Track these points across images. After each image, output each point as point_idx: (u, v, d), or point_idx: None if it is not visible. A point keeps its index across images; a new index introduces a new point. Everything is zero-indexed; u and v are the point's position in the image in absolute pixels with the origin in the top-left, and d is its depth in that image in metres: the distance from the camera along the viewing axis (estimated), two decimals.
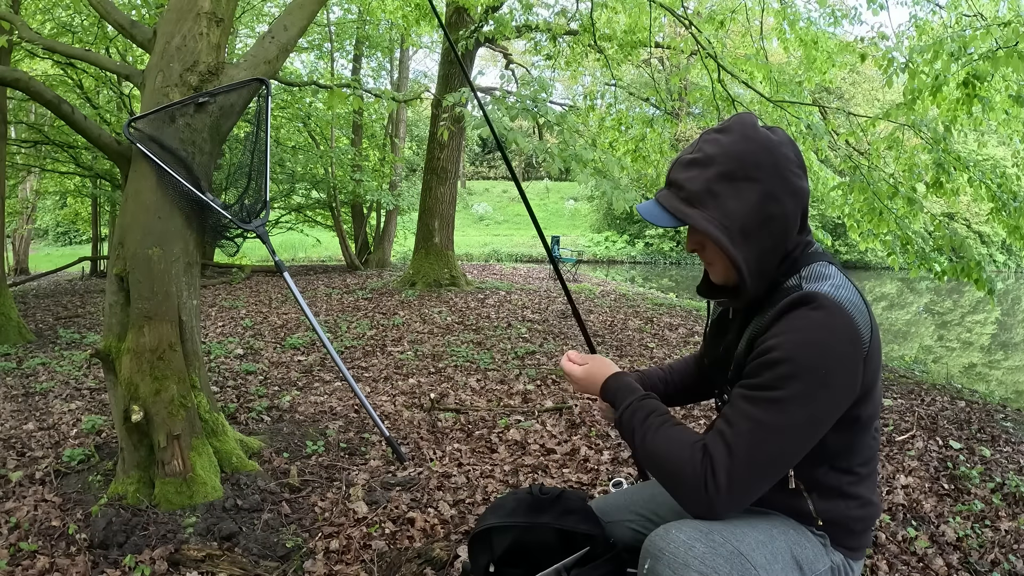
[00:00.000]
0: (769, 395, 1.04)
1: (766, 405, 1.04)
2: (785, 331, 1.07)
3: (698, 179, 1.14)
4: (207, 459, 2.45)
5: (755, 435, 1.04)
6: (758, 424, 1.04)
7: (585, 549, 1.39)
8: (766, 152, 1.13)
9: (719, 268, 1.21)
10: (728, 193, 1.12)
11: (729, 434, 1.06)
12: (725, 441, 1.05)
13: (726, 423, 1.08)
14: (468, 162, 36.41)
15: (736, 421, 1.06)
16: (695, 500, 1.07)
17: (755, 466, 1.05)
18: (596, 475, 2.73)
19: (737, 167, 1.12)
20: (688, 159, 1.17)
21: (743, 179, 1.12)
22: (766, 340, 1.09)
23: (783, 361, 1.04)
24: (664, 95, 7.70)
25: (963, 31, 4.15)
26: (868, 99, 22.49)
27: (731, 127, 1.16)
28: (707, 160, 1.14)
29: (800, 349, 1.04)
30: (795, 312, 1.08)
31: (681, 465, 1.08)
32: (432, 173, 9.18)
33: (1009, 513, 2.48)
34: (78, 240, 26.28)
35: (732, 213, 1.12)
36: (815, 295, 1.08)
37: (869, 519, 1.23)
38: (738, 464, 1.04)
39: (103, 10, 2.94)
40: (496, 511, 1.48)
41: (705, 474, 1.05)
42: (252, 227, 2.52)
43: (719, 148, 1.14)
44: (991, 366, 8.59)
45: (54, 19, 8.78)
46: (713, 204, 1.13)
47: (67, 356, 5.02)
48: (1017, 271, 23.26)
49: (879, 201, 4.74)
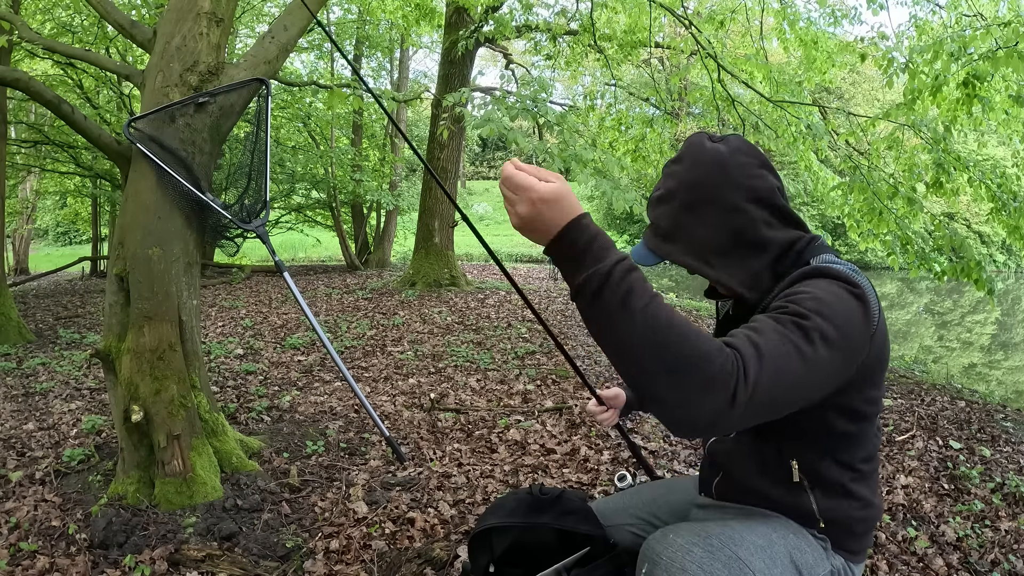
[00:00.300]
0: (798, 321, 0.96)
1: (794, 328, 0.95)
2: (807, 288, 1.05)
3: (666, 215, 1.19)
4: (207, 459, 2.45)
5: (784, 348, 0.92)
6: (787, 339, 0.93)
7: (585, 549, 1.39)
8: (717, 168, 1.15)
9: (724, 284, 1.22)
10: (692, 222, 1.16)
11: (760, 341, 0.91)
12: (755, 346, 0.90)
13: (753, 330, 0.94)
14: (468, 162, 36.41)
15: (765, 332, 0.94)
16: (715, 401, 0.84)
17: (778, 384, 0.90)
18: (596, 475, 2.73)
19: (693, 195, 1.15)
20: (656, 196, 1.22)
21: (702, 204, 1.15)
22: (785, 291, 1.08)
23: (813, 298, 1.00)
24: (664, 95, 7.70)
25: (963, 31, 4.15)
26: (868, 99, 22.48)
27: (683, 155, 1.19)
28: (669, 195, 1.18)
29: (825, 295, 1.02)
30: (811, 280, 1.07)
31: (708, 354, 0.84)
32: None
33: (1009, 513, 2.48)
34: (78, 240, 26.27)
35: (701, 240, 1.16)
36: (830, 268, 1.09)
37: (871, 520, 1.22)
38: (766, 374, 0.88)
39: (103, 10, 2.94)
40: (496, 511, 1.48)
41: (737, 373, 0.85)
42: (252, 227, 2.52)
43: (676, 180, 1.18)
44: (991, 366, 8.59)
45: (54, 19, 8.78)
46: (684, 236, 1.17)
47: (67, 356, 5.02)
48: (1017, 271, 23.26)
49: (879, 201, 4.74)
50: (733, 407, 0.84)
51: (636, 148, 6.84)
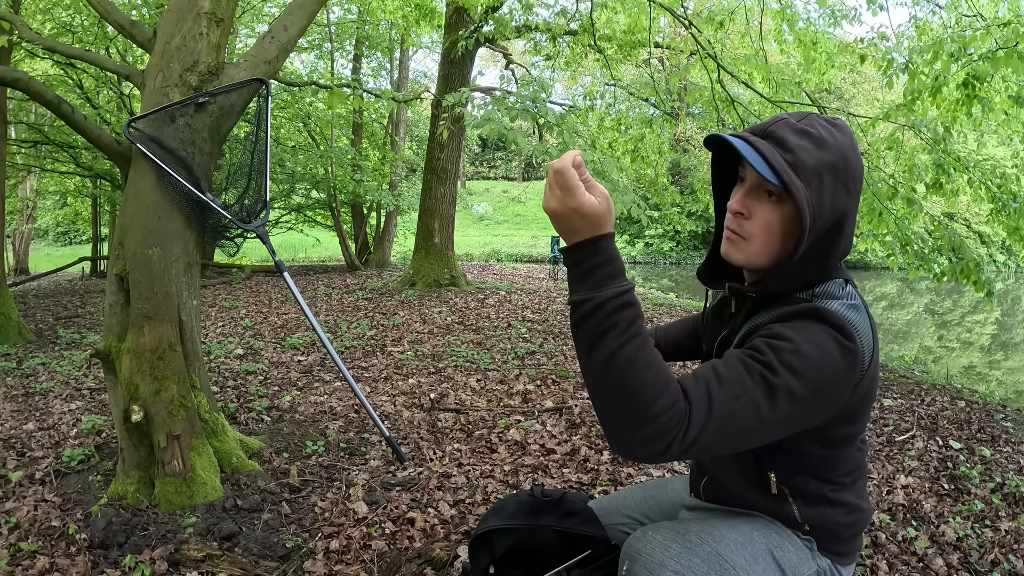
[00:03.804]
0: (766, 376, 0.95)
1: (760, 383, 0.94)
2: (795, 329, 1.00)
3: (811, 154, 1.03)
4: (207, 459, 2.45)
5: (739, 405, 0.92)
6: (747, 396, 0.92)
7: (587, 552, 1.39)
8: (861, 172, 1.08)
9: (755, 245, 1.09)
10: (830, 187, 1.03)
11: (716, 392, 0.92)
12: (710, 397, 0.91)
13: (716, 378, 0.94)
14: (468, 162, 36.42)
15: (727, 381, 0.93)
16: (648, 448, 0.89)
17: (723, 435, 0.92)
18: (596, 475, 2.73)
19: (843, 169, 1.04)
20: (800, 127, 1.05)
21: (843, 183, 1.05)
22: (772, 327, 1.03)
23: (791, 351, 0.96)
24: (664, 95, 7.70)
25: (963, 32, 4.15)
26: (868, 99, 22.48)
27: (843, 127, 1.07)
28: (821, 141, 1.04)
29: (808, 347, 0.97)
30: (804, 323, 1.01)
31: (655, 411, 0.88)
32: (432, 173, 9.19)
33: (1009, 513, 2.48)
34: (78, 240, 26.28)
35: (824, 207, 1.03)
36: (826, 311, 1.02)
37: (858, 524, 1.20)
38: (709, 432, 0.90)
39: (103, 10, 2.94)
40: (497, 513, 1.48)
41: (677, 430, 0.89)
42: (252, 227, 2.53)
43: (833, 139, 1.04)
44: (991, 366, 8.59)
45: (54, 19, 8.78)
46: (817, 187, 1.02)
47: (67, 356, 5.02)
48: (1017, 271, 23.26)
49: (879, 202, 4.74)
50: (665, 455, 0.90)
51: (635, 148, 6.84)
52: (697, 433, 0.89)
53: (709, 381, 0.94)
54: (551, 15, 8.51)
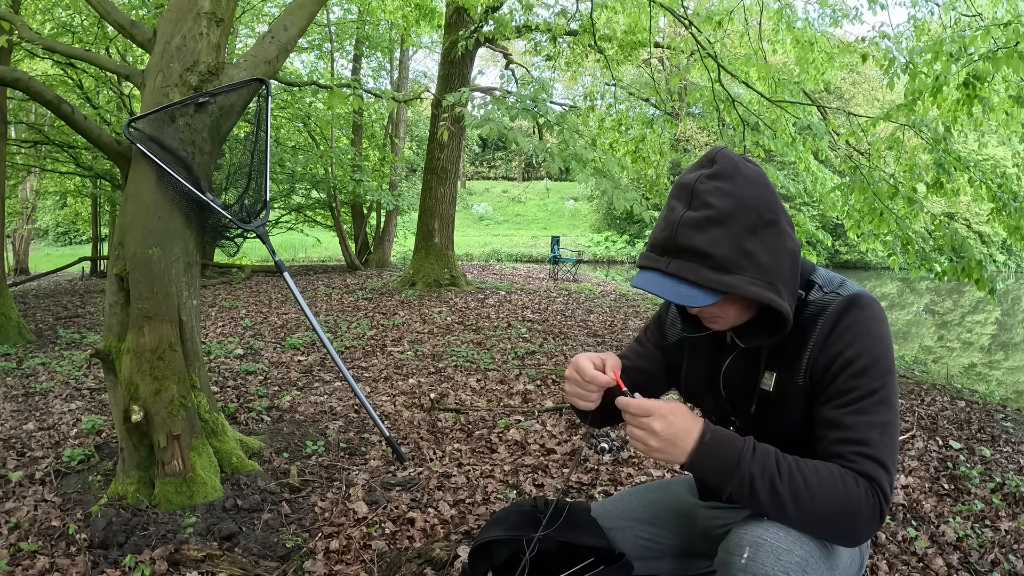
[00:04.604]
0: (877, 397, 1.07)
1: (880, 407, 1.07)
2: (855, 336, 1.09)
3: (724, 240, 1.01)
4: (207, 459, 2.45)
5: (888, 438, 1.06)
6: (886, 427, 1.06)
7: (590, 560, 1.38)
8: (766, 188, 1.07)
9: (732, 319, 1.15)
10: (759, 248, 1.03)
11: (871, 451, 1.05)
12: (874, 459, 1.04)
13: (863, 444, 1.05)
14: (468, 162, 36.42)
15: (867, 434, 1.06)
16: (871, 529, 1.05)
17: (894, 464, 1.07)
18: (596, 475, 2.73)
19: (756, 217, 1.04)
20: (700, 218, 1.03)
21: (764, 226, 1.04)
22: (839, 352, 1.09)
23: (871, 365, 1.08)
24: (664, 95, 7.70)
25: (962, 32, 4.15)
26: (868, 99, 22.49)
27: (726, 171, 1.05)
28: (724, 216, 1.02)
29: (875, 347, 1.09)
30: (850, 317, 1.10)
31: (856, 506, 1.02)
32: (432, 173, 9.19)
33: (1009, 513, 2.48)
34: (78, 240, 26.28)
35: (768, 267, 1.04)
36: (856, 296, 1.12)
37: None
38: (891, 472, 1.06)
39: (103, 10, 2.93)
40: (499, 524, 1.45)
41: (880, 501, 1.04)
42: (252, 227, 2.53)
43: (730, 200, 1.03)
44: (991, 366, 8.59)
45: (54, 19, 8.78)
46: (750, 264, 1.02)
47: (67, 356, 5.02)
48: (1017, 271, 23.26)
49: (879, 201, 4.74)
50: (883, 521, 1.05)
51: (636, 149, 6.84)
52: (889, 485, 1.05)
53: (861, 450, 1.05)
54: (551, 15, 8.50)
